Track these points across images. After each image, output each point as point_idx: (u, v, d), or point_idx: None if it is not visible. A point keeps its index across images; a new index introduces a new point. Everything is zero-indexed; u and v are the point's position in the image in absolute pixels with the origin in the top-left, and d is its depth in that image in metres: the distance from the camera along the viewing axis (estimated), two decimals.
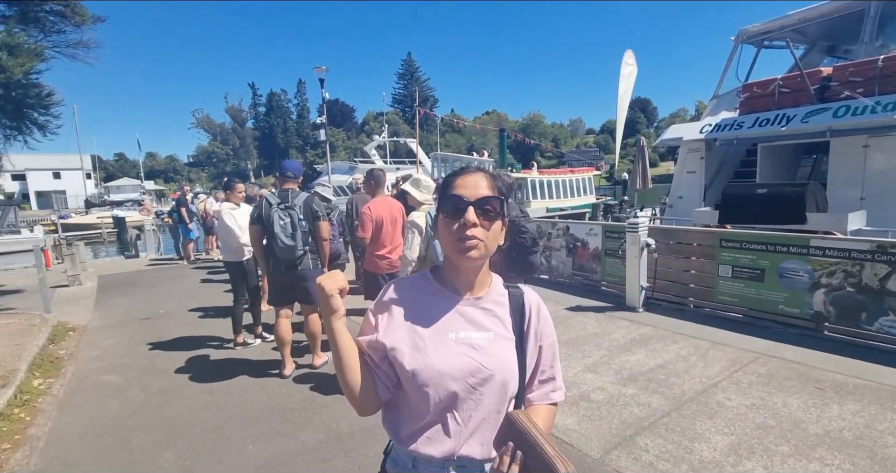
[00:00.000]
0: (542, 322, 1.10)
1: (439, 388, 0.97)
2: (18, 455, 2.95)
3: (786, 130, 6.96)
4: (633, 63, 11.34)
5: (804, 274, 4.31)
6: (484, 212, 0.98)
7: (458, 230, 0.96)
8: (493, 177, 1.04)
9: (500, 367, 1.00)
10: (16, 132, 6.09)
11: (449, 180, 1.06)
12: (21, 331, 5.31)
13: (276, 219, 3.67)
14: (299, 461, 2.74)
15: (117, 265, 11.13)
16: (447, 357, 0.98)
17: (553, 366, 1.12)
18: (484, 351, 1.00)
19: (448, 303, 1.05)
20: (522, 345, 1.05)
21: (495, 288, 1.10)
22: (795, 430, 2.79)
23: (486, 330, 1.03)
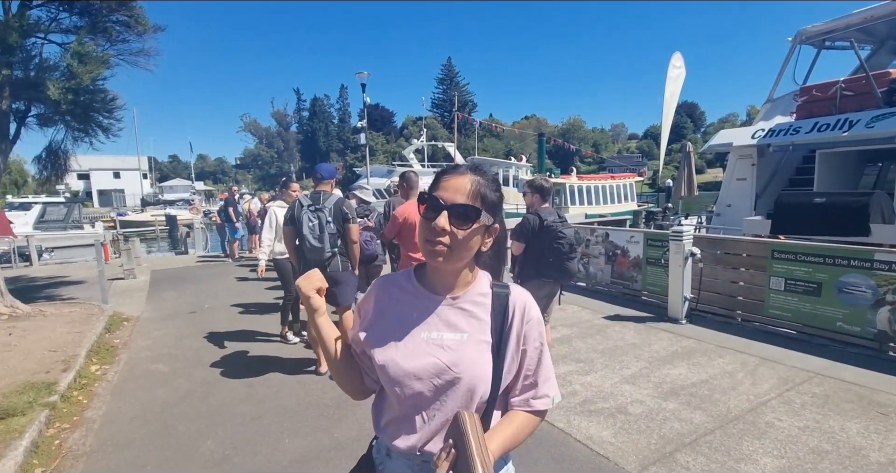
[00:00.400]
0: (526, 324, 1.04)
1: (405, 387, 0.98)
2: (76, 435, 3.14)
3: (848, 136, 6.52)
4: (682, 65, 10.87)
5: (867, 290, 4.01)
6: (458, 220, 0.94)
7: (430, 232, 0.95)
8: (483, 182, 0.99)
9: (468, 370, 0.97)
10: (83, 134, 6.54)
11: (438, 177, 1.03)
12: (81, 320, 5.68)
13: (305, 220, 3.72)
14: (333, 457, 2.78)
15: (168, 260, 11.73)
16: (414, 356, 0.98)
17: (538, 372, 1.06)
18: (453, 352, 0.98)
19: (424, 303, 1.04)
20: (501, 348, 1.00)
21: (477, 288, 1.06)
22: (854, 457, 2.60)
23: (459, 331, 1.01)
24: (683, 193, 9.69)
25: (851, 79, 7.17)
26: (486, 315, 1.03)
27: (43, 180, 7.25)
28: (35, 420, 3.10)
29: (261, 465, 2.72)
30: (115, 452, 2.92)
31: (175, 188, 50.36)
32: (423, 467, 1.01)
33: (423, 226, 0.97)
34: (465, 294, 1.04)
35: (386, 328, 1.04)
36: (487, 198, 0.99)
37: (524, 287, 1.25)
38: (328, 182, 3.93)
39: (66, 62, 5.78)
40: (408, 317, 1.03)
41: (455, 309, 1.03)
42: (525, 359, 1.04)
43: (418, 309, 1.03)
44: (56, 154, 6.74)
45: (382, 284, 1.12)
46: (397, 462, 1.04)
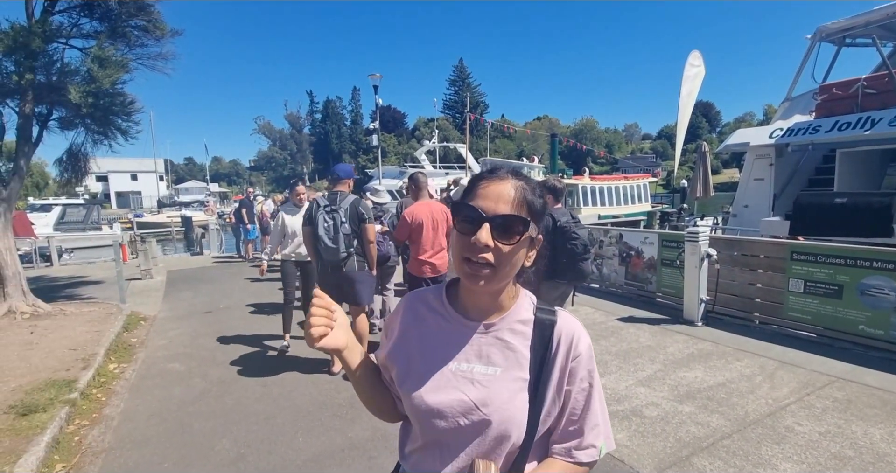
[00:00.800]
0: (573, 360, 0.89)
1: (427, 423, 0.88)
2: (95, 432, 3.20)
3: (870, 134, 6.37)
4: (700, 64, 10.64)
5: (890, 293, 3.91)
6: (502, 233, 0.81)
7: (468, 248, 0.81)
8: (527, 188, 0.86)
9: (499, 412, 0.84)
10: (102, 137, 6.69)
11: (474, 182, 0.89)
12: (100, 319, 5.79)
13: (321, 220, 3.74)
14: (346, 456, 2.79)
15: (184, 261, 11.91)
16: (439, 390, 0.87)
17: (585, 418, 0.90)
18: (483, 389, 0.86)
19: (454, 328, 0.92)
20: (540, 387, 0.86)
21: (518, 312, 0.92)
22: (879, 463, 2.53)
23: (492, 364, 0.88)
24: (699, 194, 9.56)
25: (874, 77, 7.01)
26: (526, 347, 0.89)
27: (63, 182, 7.42)
28: (56, 417, 3.17)
29: (275, 464, 2.74)
30: (133, 449, 2.97)
31: (190, 190, 51.22)
32: None
33: (459, 242, 0.83)
34: (501, 320, 0.91)
35: (410, 353, 0.94)
36: (533, 206, 0.86)
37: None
38: (345, 182, 3.93)
39: (86, 66, 5.91)
40: (435, 343, 0.92)
41: (489, 337, 0.90)
42: (569, 401, 0.90)
43: (447, 334, 0.92)
44: (76, 156, 6.89)
45: (410, 302, 1.00)
46: None
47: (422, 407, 0.87)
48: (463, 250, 0.83)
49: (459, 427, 0.85)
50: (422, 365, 0.90)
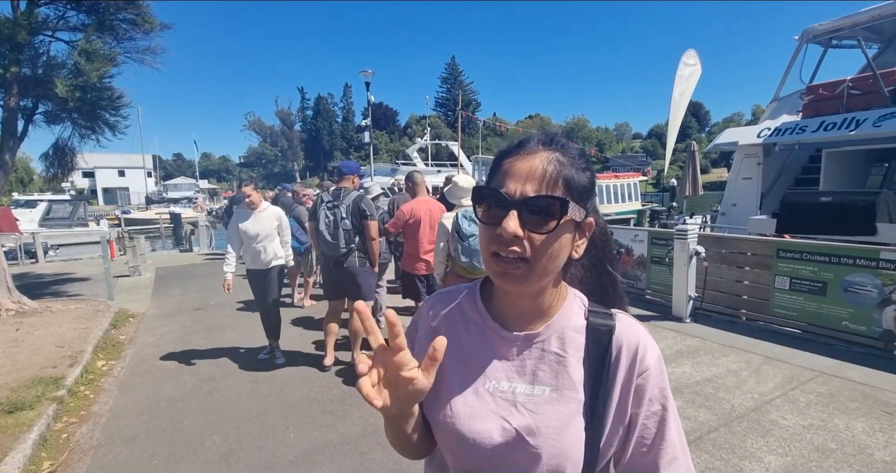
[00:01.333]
0: (640, 375, 0.72)
1: (459, 455, 0.73)
2: (83, 430, 3.18)
3: (855, 135, 6.49)
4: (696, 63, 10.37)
5: (873, 289, 4.00)
6: (535, 220, 0.66)
7: (494, 241, 0.67)
8: (563, 161, 0.69)
9: (551, 444, 0.68)
10: (90, 131, 6.59)
11: (499, 160, 0.73)
12: (88, 316, 5.72)
13: (322, 216, 3.78)
14: (338, 452, 2.80)
15: (173, 258, 11.79)
16: (476, 417, 0.71)
17: (659, 450, 0.71)
18: (530, 415, 0.70)
19: (491, 339, 0.75)
20: (597, 409, 0.70)
21: (567, 317, 0.75)
22: (859, 456, 2.59)
23: (539, 383, 0.72)
24: (688, 192, 9.66)
25: (859, 78, 7.13)
26: (578, 359, 0.72)
27: (49, 177, 7.31)
28: (43, 414, 3.13)
29: (266, 459, 2.74)
30: (122, 446, 2.95)
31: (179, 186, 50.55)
32: None
33: (486, 234, 0.69)
34: (547, 328, 0.74)
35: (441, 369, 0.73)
36: (574, 183, 0.69)
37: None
38: (349, 178, 3.97)
39: (73, 60, 5.82)
40: (467, 358, 0.76)
41: (535, 350, 0.74)
42: (635, 429, 0.72)
43: (483, 347, 0.76)
44: (63, 151, 6.79)
45: (441, 305, 0.82)
46: None
47: (453, 438, 0.72)
48: (490, 244, 0.68)
49: (501, 462, 0.70)
50: (455, 386, 0.74)
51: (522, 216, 0.65)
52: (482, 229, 0.70)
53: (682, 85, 9.88)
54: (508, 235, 0.65)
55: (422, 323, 0.83)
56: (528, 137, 0.74)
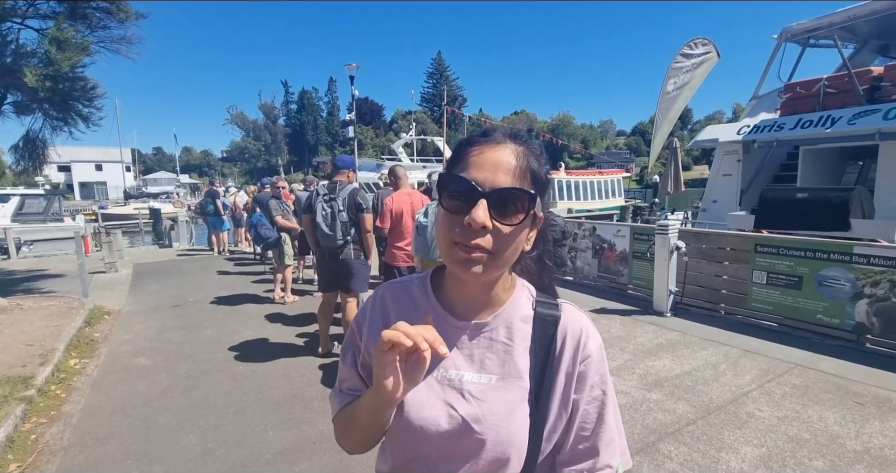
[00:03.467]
0: (581, 362, 0.74)
1: (406, 442, 0.73)
2: (53, 430, 3.08)
3: (831, 132, 6.63)
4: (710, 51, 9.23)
5: (846, 283, 4.09)
6: (503, 211, 0.66)
7: (460, 231, 0.66)
8: (530, 154, 0.71)
9: (496, 431, 0.70)
10: (62, 123, 6.38)
11: (463, 149, 0.71)
12: (60, 313, 5.55)
13: (319, 209, 3.89)
14: (317, 449, 2.76)
15: (151, 254, 11.54)
16: (423, 405, 0.71)
17: (599, 433, 0.74)
18: (476, 402, 0.71)
19: (439, 327, 0.72)
20: (542, 396, 0.72)
21: (515, 307, 0.77)
22: (832, 446, 2.65)
23: (486, 371, 0.73)
24: (670, 189, 9.78)
25: (834, 77, 7.28)
26: (525, 348, 0.75)
27: (20, 170, 7.06)
28: (10, 415, 3.03)
29: (244, 457, 2.69)
30: (94, 446, 2.86)
31: (159, 181, 49.50)
32: None
33: (447, 222, 0.67)
34: (495, 317, 0.76)
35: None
36: (538, 177, 0.71)
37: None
38: (345, 172, 4.04)
39: (44, 48, 5.62)
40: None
41: (482, 339, 0.75)
42: (577, 413, 0.75)
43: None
44: (34, 143, 6.56)
45: (389, 293, 0.83)
46: None
47: (400, 425, 0.72)
48: (452, 233, 0.66)
49: (447, 449, 0.71)
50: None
51: (492, 207, 0.65)
52: (443, 217, 0.68)
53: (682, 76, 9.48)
54: (477, 225, 0.64)
55: (370, 312, 0.82)
56: (492, 128, 0.74)
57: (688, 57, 9.48)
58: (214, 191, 10.91)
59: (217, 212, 10.69)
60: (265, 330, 5.04)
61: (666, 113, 9.76)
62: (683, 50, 9.50)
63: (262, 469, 2.59)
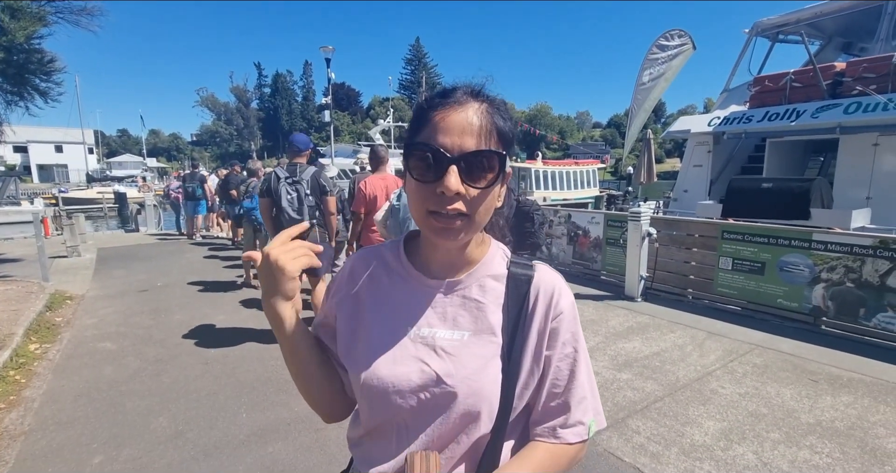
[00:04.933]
0: (553, 319, 0.75)
1: (380, 402, 0.72)
2: (13, 415, 2.96)
3: (795, 125, 6.88)
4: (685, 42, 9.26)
5: (805, 269, 4.28)
6: (473, 174, 0.65)
7: (432, 199, 0.65)
8: (493, 111, 0.69)
9: (467, 384, 0.70)
10: (17, 98, 6.04)
11: (425, 113, 0.69)
12: (18, 298, 5.31)
13: (284, 193, 3.77)
14: (292, 430, 2.75)
15: (117, 238, 11.12)
16: (395, 362, 0.72)
17: (570, 390, 0.75)
18: (448, 358, 0.72)
19: (413, 288, 0.77)
20: (514, 352, 0.73)
21: (488, 266, 0.78)
22: (787, 419, 2.79)
23: (459, 328, 0.74)
24: (643, 179, 10.01)
25: (800, 71, 7.52)
26: (498, 306, 0.75)
27: None
28: None
29: (217, 439, 2.65)
30: (57, 430, 2.77)
31: (125, 164, 47.67)
32: None
33: (420, 192, 0.67)
34: (469, 276, 0.76)
35: (359, 318, 0.78)
36: (504, 133, 0.69)
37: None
38: (305, 153, 3.95)
39: None
40: (390, 306, 0.77)
41: (455, 297, 0.76)
42: (549, 370, 0.75)
43: (405, 296, 0.77)
44: None
45: (361, 259, 0.83)
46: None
47: (373, 383, 0.72)
48: (426, 202, 0.66)
49: (419, 404, 0.71)
50: (374, 333, 0.75)
51: (462, 171, 0.65)
52: (415, 187, 0.68)
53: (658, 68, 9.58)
54: (451, 192, 0.64)
55: (343, 277, 0.83)
56: (452, 87, 0.72)
57: (663, 48, 9.56)
58: (202, 176, 10.59)
59: (204, 195, 10.37)
60: (237, 315, 4.95)
61: (641, 103, 9.89)
62: (659, 41, 9.56)
63: (236, 450, 2.56)
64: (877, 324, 3.90)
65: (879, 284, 3.87)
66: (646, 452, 2.48)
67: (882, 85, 6.38)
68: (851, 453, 2.45)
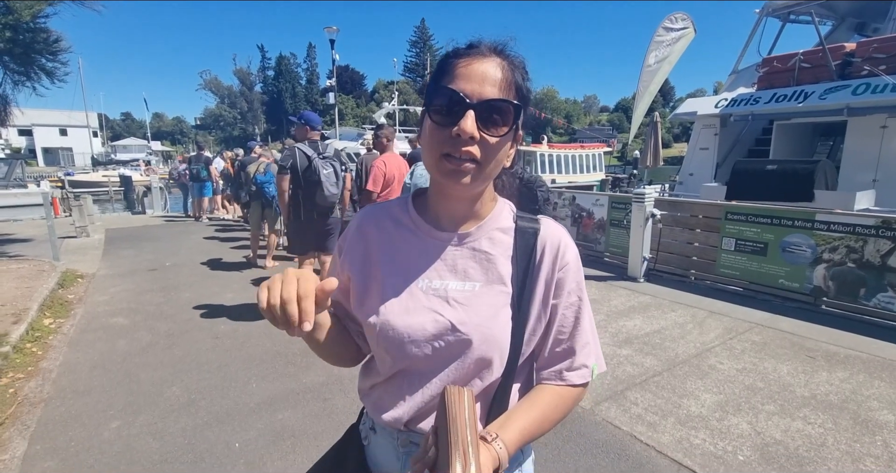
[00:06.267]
0: (560, 269, 0.79)
1: (395, 351, 0.76)
2: (32, 384, 3.07)
3: (802, 107, 6.80)
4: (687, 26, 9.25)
5: (807, 249, 4.30)
6: (490, 122, 0.68)
7: (448, 142, 0.68)
8: (515, 68, 0.73)
9: (480, 330, 0.73)
10: (24, 78, 6.06)
11: (448, 62, 0.72)
12: (31, 276, 5.43)
13: (321, 168, 3.80)
14: (300, 399, 2.84)
15: (124, 220, 11.25)
16: (408, 311, 0.75)
17: (575, 336, 0.81)
18: (461, 307, 0.75)
19: (423, 241, 0.79)
20: (523, 302, 0.76)
21: (496, 220, 0.81)
22: (783, 393, 2.86)
23: (469, 279, 0.77)
24: (649, 162, 9.92)
25: (810, 52, 7.40)
26: (507, 257, 0.78)
27: None
28: None
29: (228, 407, 2.75)
30: (74, 398, 2.88)
31: (129, 148, 47.61)
32: (410, 450, 0.80)
33: (437, 135, 0.69)
34: (478, 229, 0.79)
35: (371, 272, 0.80)
36: (522, 91, 0.73)
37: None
38: (318, 131, 4.02)
39: None
40: (401, 260, 0.79)
41: (465, 249, 0.78)
42: (556, 318, 0.80)
43: (415, 249, 0.79)
44: None
45: (370, 215, 0.85)
46: (381, 438, 0.84)
47: (388, 333, 0.75)
48: (442, 145, 0.69)
49: (434, 352, 0.74)
50: (387, 286, 0.78)
51: (478, 118, 0.67)
52: (431, 130, 0.70)
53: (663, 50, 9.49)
54: (466, 135, 0.66)
55: (351, 231, 0.86)
56: (477, 40, 0.74)
57: (668, 31, 9.48)
58: (208, 157, 10.65)
59: (210, 177, 10.44)
60: (245, 293, 5.05)
61: (647, 85, 9.77)
62: (665, 23, 9.47)
63: (247, 417, 2.66)
64: (877, 304, 3.93)
65: (881, 264, 3.89)
66: (643, 421, 2.56)
67: (892, 66, 6.28)
68: (844, 423, 2.51)
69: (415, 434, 0.78)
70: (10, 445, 2.41)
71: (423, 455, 0.63)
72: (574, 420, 2.59)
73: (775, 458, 2.24)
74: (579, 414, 2.65)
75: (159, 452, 2.34)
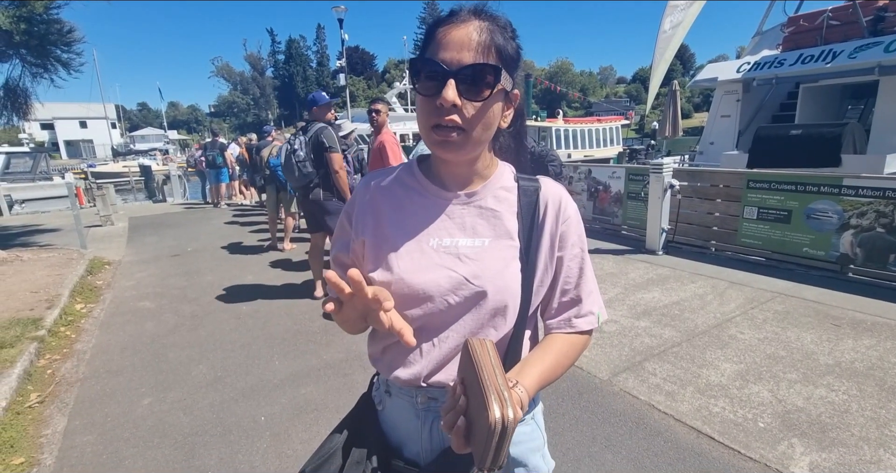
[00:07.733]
0: (563, 223, 0.83)
1: (410, 307, 0.77)
2: (68, 365, 3.22)
3: (831, 67, 6.47)
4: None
5: (833, 215, 4.16)
6: (470, 88, 0.69)
7: (434, 113, 0.70)
8: (495, 29, 0.72)
9: (494, 282, 0.76)
10: (41, 69, 6.15)
11: (430, 32, 0.73)
12: (61, 264, 5.62)
13: (284, 147, 3.89)
14: (321, 375, 2.92)
15: (146, 208, 11.50)
16: (422, 269, 0.77)
17: (580, 285, 0.85)
18: (473, 262, 0.77)
19: (431, 201, 0.82)
20: (531, 255, 0.80)
21: (499, 180, 0.83)
22: (806, 361, 2.81)
23: (478, 235, 0.80)
24: (668, 133, 9.68)
25: (839, 8, 7.00)
26: (512, 214, 0.81)
27: (4, 122, 6.88)
28: (25, 352, 3.15)
29: (253, 383, 2.84)
30: (108, 378, 3.01)
31: (147, 137, 48.32)
32: (429, 406, 0.82)
33: (425, 107, 0.71)
34: (483, 188, 0.82)
35: (382, 233, 0.81)
36: (504, 51, 0.72)
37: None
38: (319, 110, 3.96)
39: None
40: (410, 221, 0.81)
41: (472, 208, 0.81)
42: (562, 269, 0.84)
43: (424, 209, 0.81)
44: (14, 92, 6.36)
45: (373, 179, 0.87)
46: (398, 399, 0.86)
47: (403, 291, 0.76)
48: (429, 117, 0.71)
49: (449, 307, 0.76)
50: (400, 246, 0.79)
51: (459, 85, 0.69)
52: (421, 102, 0.72)
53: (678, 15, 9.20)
54: (447, 103, 0.68)
55: (359, 198, 0.87)
56: (458, 7, 0.75)
57: None
58: (222, 144, 10.74)
59: (225, 163, 10.54)
60: (265, 275, 5.15)
61: (662, 52, 9.46)
62: None
63: (271, 392, 2.74)
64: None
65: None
66: (661, 391, 2.56)
67: None
68: (869, 390, 2.47)
69: (433, 390, 0.81)
70: (52, 421, 2.55)
71: (453, 403, 0.64)
72: (591, 391, 2.60)
73: (797, 425, 2.22)
74: (596, 385, 2.66)
75: (189, 425, 2.44)
